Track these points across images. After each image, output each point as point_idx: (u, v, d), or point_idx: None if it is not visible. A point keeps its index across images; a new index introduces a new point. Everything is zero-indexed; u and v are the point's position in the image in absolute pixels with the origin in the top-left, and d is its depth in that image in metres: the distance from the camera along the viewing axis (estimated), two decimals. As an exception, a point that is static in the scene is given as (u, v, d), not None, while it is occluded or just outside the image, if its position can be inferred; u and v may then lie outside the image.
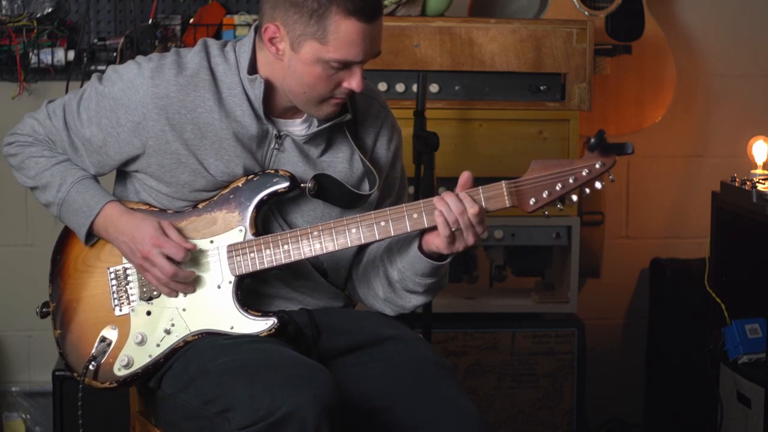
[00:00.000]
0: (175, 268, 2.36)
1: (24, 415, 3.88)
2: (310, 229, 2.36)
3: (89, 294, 2.45)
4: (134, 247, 2.38)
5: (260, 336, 2.37)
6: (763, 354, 3.42)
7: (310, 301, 2.48)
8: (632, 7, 3.80)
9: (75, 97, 2.47)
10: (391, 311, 2.51)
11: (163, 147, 2.38)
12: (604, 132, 2.30)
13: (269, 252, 2.37)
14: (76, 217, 2.43)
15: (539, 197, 2.31)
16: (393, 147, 2.52)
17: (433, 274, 2.40)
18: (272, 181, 2.39)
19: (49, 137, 2.48)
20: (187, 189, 2.42)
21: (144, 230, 2.37)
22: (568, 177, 2.30)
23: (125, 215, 2.41)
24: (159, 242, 2.36)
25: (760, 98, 4.10)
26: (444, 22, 3.42)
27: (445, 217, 2.28)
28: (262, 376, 2.22)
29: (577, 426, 3.58)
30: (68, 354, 2.46)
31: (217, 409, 2.25)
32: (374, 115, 2.50)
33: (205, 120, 2.37)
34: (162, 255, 2.36)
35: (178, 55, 2.41)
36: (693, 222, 4.08)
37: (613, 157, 2.30)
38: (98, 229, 2.43)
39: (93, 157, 2.45)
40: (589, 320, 3.71)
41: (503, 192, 2.30)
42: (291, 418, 2.15)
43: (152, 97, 2.36)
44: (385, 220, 2.33)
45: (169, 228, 2.39)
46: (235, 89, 2.38)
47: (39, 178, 2.47)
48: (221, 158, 2.39)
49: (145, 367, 2.40)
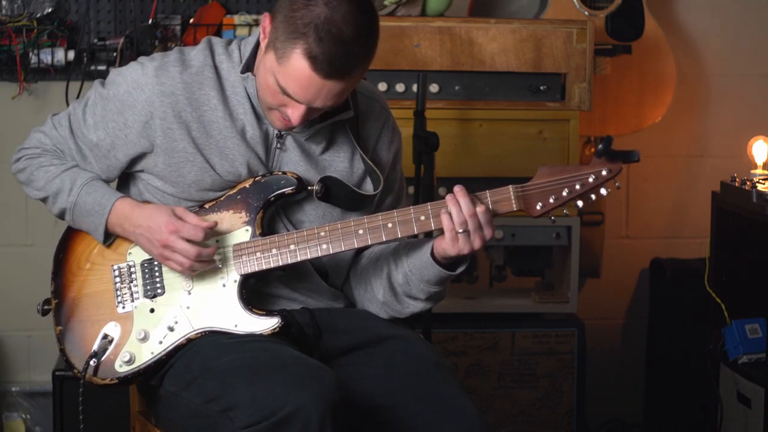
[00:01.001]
0: (197, 248, 2.35)
1: (24, 415, 3.88)
2: (317, 230, 2.36)
3: (92, 291, 2.45)
4: (152, 237, 2.37)
5: (263, 335, 2.37)
6: (763, 354, 3.42)
7: (311, 302, 2.48)
8: (632, 7, 3.80)
9: (79, 105, 2.47)
10: (385, 315, 2.50)
11: (171, 145, 2.38)
12: (611, 139, 2.32)
13: (275, 252, 2.37)
14: (90, 218, 2.43)
15: (546, 202, 2.32)
16: (393, 149, 2.52)
17: (439, 282, 2.40)
18: (280, 183, 2.39)
19: (57, 146, 2.48)
20: (194, 188, 2.42)
21: (158, 219, 2.36)
22: (575, 183, 2.32)
23: (137, 208, 2.40)
24: (175, 227, 2.35)
25: (760, 98, 4.10)
26: (444, 22, 3.42)
27: (454, 217, 2.29)
28: (265, 376, 2.22)
29: (577, 426, 3.58)
30: (69, 350, 2.45)
31: (219, 408, 2.25)
32: (376, 117, 2.50)
33: (210, 118, 2.38)
34: (181, 239, 2.34)
35: (181, 53, 2.42)
36: (693, 222, 4.08)
37: (619, 165, 2.32)
38: (113, 226, 2.43)
39: (102, 162, 2.45)
40: (589, 320, 3.71)
41: (510, 196, 2.32)
42: (295, 417, 2.15)
43: (158, 95, 2.36)
44: (392, 222, 2.34)
45: (183, 212, 2.37)
46: (237, 87, 2.38)
47: (48, 187, 2.47)
48: (226, 157, 2.39)
49: (147, 364, 2.40)
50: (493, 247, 3.58)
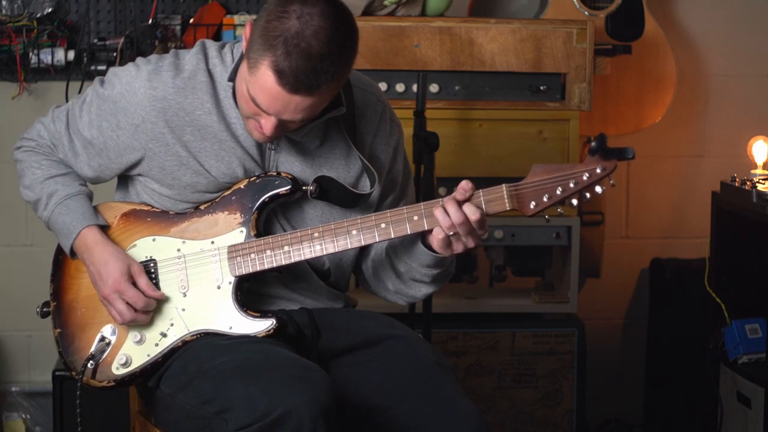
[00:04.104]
0: (133, 314, 2.37)
1: (24, 415, 3.88)
2: (311, 231, 2.36)
3: (90, 294, 2.46)
4: (98, 282, 2.40)
5: (258, 336, 2.37)
6: (763, 354, 3.42)
7: (309, 302, 2.49)
8: (632, 7, 3.80)
9: (78, 101, 2.48)
10: (403, 302, 2.53)
11: (163, 149, 2.38)
12: (605, 136, 2.30)
13: (269, 253, 2.37)
14: (60, 237, 2.46)
15: (539, 201, 2.30)
16: (393, 141, 2.50)
17: (437, 265, 2.41)
18: (274, 183, 2.39)
19: (52, 141, 2.49)
20: (190, 190, 2.42)
21: (110, 270, 2.38)
22: (569, 181, 2.29)
23: (99, 246, 2.41)
24: (120, 288, 2.37)
25: (760, 98, 4.10)
26: (444, 22, 3.42)
27: (443, 227, 2.29)
28: (260, 377, 2.22)
29: (577, 426, 3.58)
30: (67, 353, 2.46)
31: (214, 410, 2.25)
32: (372, 110, 2.48)
33: (203, 122, 2.38)
34: (121, 300, 2.37)
35: (176, 57, 2.41)
36: (693, 222, 4.08)
37: (613, 162, 2.29)
38: (77, 250, 2.45)
39: (94, 160, 2.45)
40: (589, 320, 3.71)
41: (503, 195, 2.30)
42: (287, 418, 2.15)
43: (150, 99, 2.36)
44: (385, 222, 2.33)
45: (138, 273, 2.39)
46: (230, 91, 2.38)
47: (31, 191, 2.49)
48: (222, 160, 2.39)
49: (144, 366, 2.40)
50: (493, 247, 3.58)
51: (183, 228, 2.43)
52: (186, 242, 2.42)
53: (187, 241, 2.42)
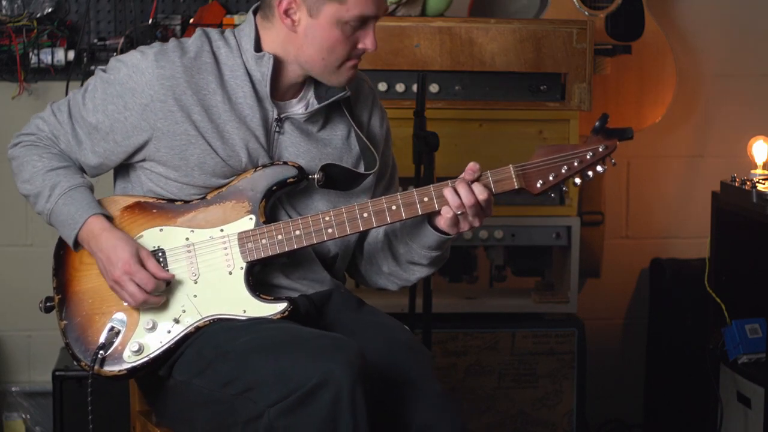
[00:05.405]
0: (145, 296, 2.38)
1: (24, 415, 3.88)
2: (322, 215, 2.41)
3: (98, 284, 2.45)
4: (107, 267, 2.40)
5: (274, 319, 2.39)
6: (763, 354, 3.42)
7: (311, 291, 2.52)
8: (632, 7, 3.80)
9: (80, 92, 2.50)
10: (394, 286, 2.58)
11: (172, 128, 2.41)
12: (607, 116, 2.43)
13: (281, 238, 2.41)
14: (63, 228, 2.45)
15: (546, 179, 2.41)
16: (385, 125, 2.61)
17: (438, 247, 2.47)
18: (281, 171, 2.44)
19: (53, 133, 2.49)
20: (197, 171, 2.43)
21: (119, 254, 2.39)
22: (573, 160, 2.41)
23: (106, 233, 2.42)
24: (130, 270, 2.37)
25: (760, 98, 4.10)
26: (444, 22, 3.42)
27: (453, 206, 2.36)
28: (288, 351, 2.24)
29: (577, 426, 3.58)
30: (75, 344, 2.44)
31: (237, 390, 2.26)
32: (365, 95, 2.59)
33: (209, 102, 2.41)
34: (132, 282, 2.37)
35: (179, 42, 2.46)
36: (693, 222, 4.07)
37: (614, 141, 2.42)
38: (82, 240, 2.44)
39: (99, 145, 2.46)
40: (589, 320, 3.71)
41: (512, 175, 2.40)
42: (325, 386, 2.16)
43: (158, 78, 2.39)
44: (396, 205, 2.40)
45: (146, 256, 2.40)
46: (237, 71, 2.43)
47: (31, 183, 2.47)
48: (226, 141, 2.42)
49: (157, 354, 2.40)
50: (493, 247, 3.58)
51: (190, 218, 2.45)
52: (194, 231, 2.44)
53: (196, 230, 2.44)
